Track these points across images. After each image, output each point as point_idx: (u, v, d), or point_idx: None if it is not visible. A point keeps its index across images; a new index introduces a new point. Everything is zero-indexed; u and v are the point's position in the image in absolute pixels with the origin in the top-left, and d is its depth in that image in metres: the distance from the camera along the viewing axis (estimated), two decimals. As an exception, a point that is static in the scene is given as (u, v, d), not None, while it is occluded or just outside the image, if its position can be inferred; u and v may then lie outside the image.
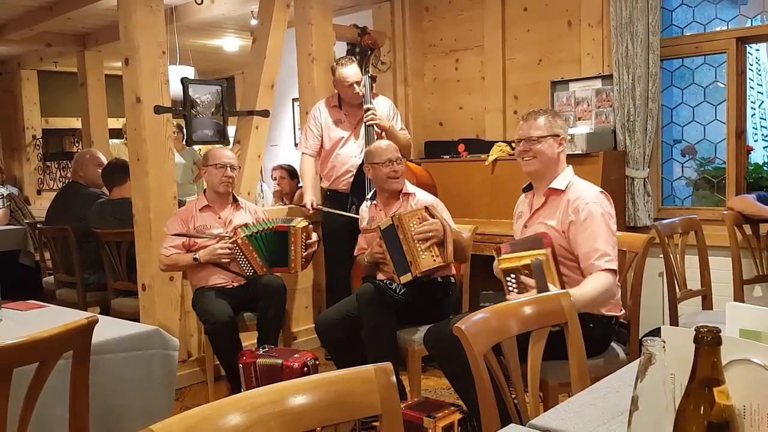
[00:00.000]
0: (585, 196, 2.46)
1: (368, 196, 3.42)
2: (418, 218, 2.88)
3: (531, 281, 2.35)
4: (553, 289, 2.30)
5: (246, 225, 3.45)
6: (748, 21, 3.97)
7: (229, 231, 3.45)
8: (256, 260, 3.38)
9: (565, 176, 2.56)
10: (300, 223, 3.43)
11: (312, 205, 4.07)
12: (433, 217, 2.90)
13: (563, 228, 2.47)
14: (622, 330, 2.70)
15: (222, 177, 3.46)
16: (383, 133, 4.04)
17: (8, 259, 5.38)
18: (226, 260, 3.39)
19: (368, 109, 4.03)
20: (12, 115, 7.81)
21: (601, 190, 2.54)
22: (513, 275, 2.43)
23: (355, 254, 3.47)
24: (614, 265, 2.39)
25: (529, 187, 2.71)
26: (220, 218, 3.52)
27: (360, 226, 3.41)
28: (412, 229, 2.85)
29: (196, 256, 3.38)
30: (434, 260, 2.86)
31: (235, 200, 3.61)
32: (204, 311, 3.29)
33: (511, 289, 2.44)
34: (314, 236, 3.49)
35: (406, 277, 2.90)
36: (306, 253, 3.45)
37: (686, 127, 4.19)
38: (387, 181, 3.20)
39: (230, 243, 3.37)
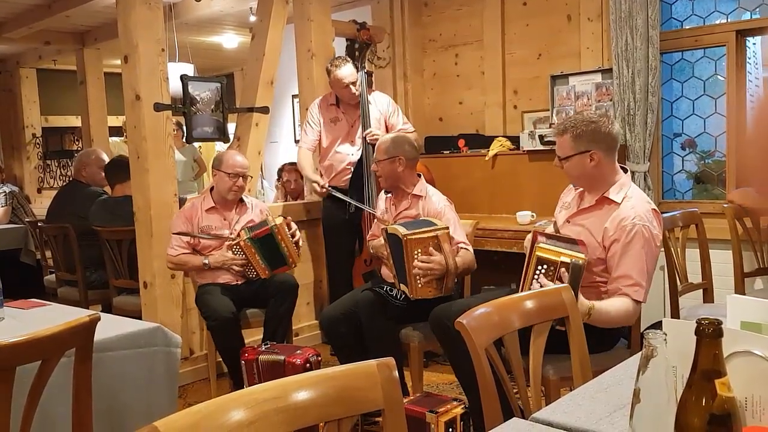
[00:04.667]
0: (636, 215, 2.31)
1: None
2: (424, 248, 2.79)
3: (566, 279, 2.24)
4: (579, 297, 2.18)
5: (249, 223, 3.45)
6: (747, 14, 3.96)
7: (232, 233, 3.45)
8: (258, 263, 3.38)
9: (622, 187, 2.41)
10: (277, 219, 3.42)
11: (324, 186, 4.04)
12: (440, 249, 2.80)
13: (605, 243, 2.36)
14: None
15: (232, 186, 3.43)
16: None
17: (9, 258, 5.38)
18: (237, 269, 3.40)
19: (367, 134, 4.00)
20: (11, 114, 7.81)
21: (654, 207, 2.41)
22: (546, 266, 2.30)
23: (367, 238, 3.48)
24: (641, 297, 2.30)
25: None
26: (225, 220, 3.50)
27: (376, 213, 3.41)
28: (416, 257, 2.79)
29: (206, 261, 3.39)
30: (431, 292, 2.84)
31: (241, 200, 3.58)
32: (206, 307, 3.29)
33: (537, 276, 2.31)
34: (293, 225, 3.46)
35: (405, 288, 2.89)
36: (295, 242, 3.44)
37: (686, 121, 4.19)
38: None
39: (234, 244, 3.37)
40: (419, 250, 2.79)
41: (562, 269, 2.24)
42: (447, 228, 2.87)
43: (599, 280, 2.41)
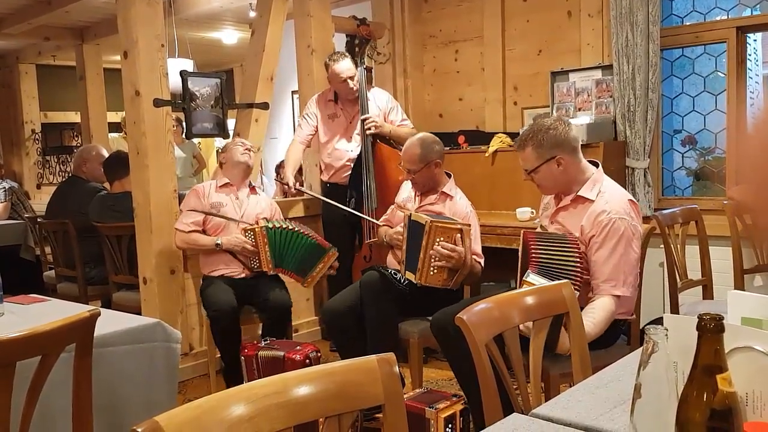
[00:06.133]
0: (612, 209, 2.34)
1: None
2: (448, 237, 2.81)
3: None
4: (564, 338, 2.00)
5: (271, 220, 3.50)
6: (748, 10, 3.95)
7: (244, 216, 3.50)
8: (266, 253, 3.38)
9: (595, 183, 2.44)
10: (334, 251, 3.47)
11: (294, 186, 4.15)
12: (463, 242, 2.83)
13: (584, 239, 2.39)
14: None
15: (243, 151, 3.56)
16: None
17: (9, 254, 5.38)
18: (249, 249, 3.40)
19: (366, 119, 4.00)
20: (11, 110, 7.81)
21: (630, 198, 2.43)
22: None
23: (379, 223, 3.49)
24: (620, 291, 2.31)
25: None
26: (237, 198, 3.55)
27: (396, 198, 3.41)
28: (438, 243, 2.81)
29: (219, 241, 3.41)
30: (440, 282, 2.86)
31: (251, 185, 3.66)
32: (208, 297, 3.34)
33: None
34: (336, 266, 3.51)
35: (410, 276, 2.91)
36: (322, 275, 3.50)
37: (686, 117, 4.19)
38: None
39: (249, 228, 3.39)
40: (442, 238, 2.81)
41: None
42: (469, 225, 2.91)
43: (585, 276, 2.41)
